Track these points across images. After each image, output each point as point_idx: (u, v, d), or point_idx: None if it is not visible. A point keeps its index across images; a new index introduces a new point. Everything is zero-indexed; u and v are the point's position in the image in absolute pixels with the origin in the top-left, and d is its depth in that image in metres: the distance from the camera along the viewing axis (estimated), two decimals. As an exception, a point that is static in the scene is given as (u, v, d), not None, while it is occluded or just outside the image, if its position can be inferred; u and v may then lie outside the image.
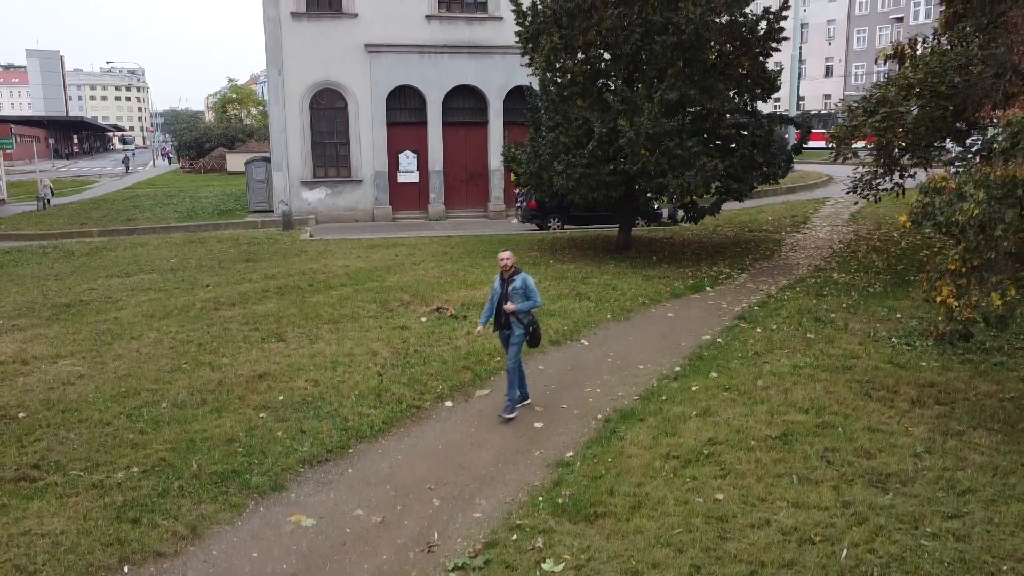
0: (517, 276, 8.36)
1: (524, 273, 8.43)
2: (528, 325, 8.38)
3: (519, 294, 8.28)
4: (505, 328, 8.47)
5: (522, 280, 8.31)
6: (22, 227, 27.61)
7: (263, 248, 20.13)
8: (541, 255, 18.16)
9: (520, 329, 8.35)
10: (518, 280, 8.32)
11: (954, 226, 6.77)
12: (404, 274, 16.01)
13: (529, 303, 8.33)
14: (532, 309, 8.40)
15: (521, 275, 8.37)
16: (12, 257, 19.23)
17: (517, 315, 8.29)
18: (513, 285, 8.32)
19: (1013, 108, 6.64)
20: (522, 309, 8.28)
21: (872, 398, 8.26)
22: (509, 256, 8.42)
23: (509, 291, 8.31)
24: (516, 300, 8.28)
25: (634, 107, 16.15)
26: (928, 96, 12.96)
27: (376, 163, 28.32)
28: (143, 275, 16.27)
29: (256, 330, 11.83)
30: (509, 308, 8.24)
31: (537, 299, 8.36)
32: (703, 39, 15.81)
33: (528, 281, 8.33)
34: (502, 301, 8.36)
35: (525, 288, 8.29)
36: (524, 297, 8.29)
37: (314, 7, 27.19)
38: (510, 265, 8.37)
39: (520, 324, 8.34)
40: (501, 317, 8.43)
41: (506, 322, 8.43)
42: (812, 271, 16.05)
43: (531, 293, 8.32)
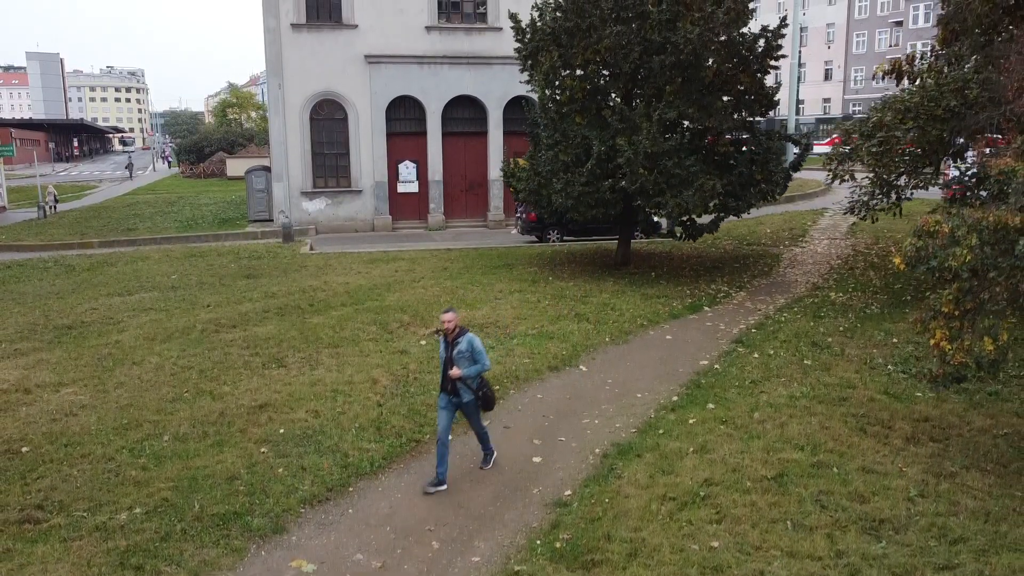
0: (463, 338, 7.66)
1: (471, 334, 7.75)
2: (478, 389, 7.75)
3: (465, 358, 7.60)
4: (452, 394, 7.76)
5: (468, 342, 7.62)
6: (23, 237, 27.69)
7: (263, 262, 20.20)
8: (540, 271, 18.24)
9: (469, 395, 7.73)
10: (463, 342, 7.63)
11: (947, 271, 6.85)
12: (403, 292, 16.09)
13: (477, 367, 7.64)
14: (481, 372, 7.71)
15: (467, 337, 7.68)
16: (14, 272, 19.30)
17: (465, 380, 7.64)
18: (458, 348, 7.62)
19: (1005, 157, 6.72)
20: (469, 374, 7.60)
21: (867, 434, 8.34)
22: (452, 317, 7.65)
23: (454, 355, 7.62)
24: (462, 364, 7.59)
25: (633, 125, 16.22)
26: (925, 119, 13.03)
27: (376, 173, 28.42)
28: (144, 293, 16.34)
29: (257, 355, 11.91)
30: (455, 374, 7.55)
31: (485, 362, 7.69)
32: (701, 58, 15.89)
33: (475, 343, 7.65)
34: (447, 366, 7.68)
35: (472, 351, 7.60)
36: (471, 361, 7.61)
37: (314, 18, 27.28)
38: (453, 327, 7.65)
39: (468, 389, 7.70)
40: (447, 383, 7.74)
41: (453, 388, 7.71)
42: (810, 289, 16.13)
43: (478, 356, 7.63)
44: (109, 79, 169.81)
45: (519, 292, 15.99)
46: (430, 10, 27.88)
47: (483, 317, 14.00)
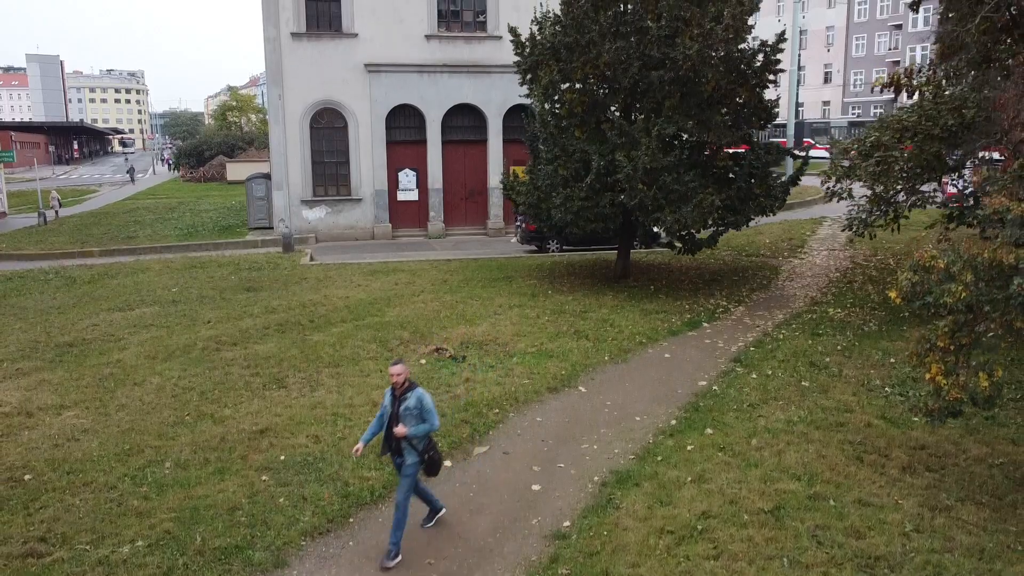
0: (411, 393, 7.02)
1: (420, 389, 7.12)
2: (424, 452, 7.10)
3: (413, 415, 6.96)
4: (396, 454, 7.14)
5: (417, 399, 6.98)
6: (23, 245, 27.76)
7: (264, 274, 20.26)
8: (540, 284, 18.30)
9: (414, 457, 7.06)
10: (412, 398, 6.99)
11: (943, 308, 6.91)
12: (403, 307, 16.15)
13: (425, 427, 6.97)
14: (429, 432, 7.07)
15: (416, 392, 7.04)
16: (15, 285, 19.36)
17: (410, 440, 7.00)
18: (406, 404, 6.98)
19: (999, 196, 6.78)
20: (416, 434, 6.95)
21: (864, 462, 8.40)
22: (401, 370, 7.05)
23: (401, 411, 6.97)
24: (409, 422, 6.95)
25: (632, 140, 16.28)
26: (923, 138, 13.09)
27: (376, 182, 28.49)
28: (145, 308, 16.40)
29: (257, 374, 11.98)
30: (400, 432, 6.90)
31: (434, 421, 7.02)
32: (700, 73, 15.94)
33: (424, 400, 7.01)
34: (392, 422, 7.03)
35: (420, 408, 6.96)
36: (419, 419, 6.97)
37: (314, 27, 27.34)
38: (403, 381, 7.04)
39: (414, 451, 7.05)
40: (391, 441, 7.08)
41: (397, 447, 7.09)
42: (808, 304, 16.19)
43: (427, 414, 6.97)
44: (109, 80, 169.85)
45: (519, 307, 16.05)
46: (430, 19, 27.95)
47: (483, 334, 14.06)
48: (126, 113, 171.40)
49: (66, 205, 42.50)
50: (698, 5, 16.33)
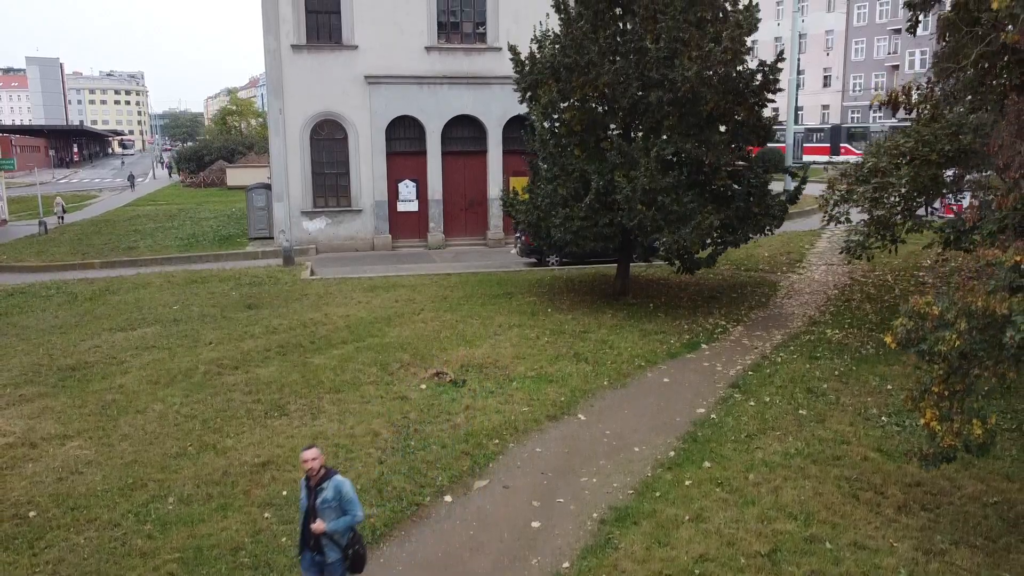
0: (327, 482, 6.36)
1: (338, 476, 6.45)
2: (347, 548, 6.44)
3: (332, 508, 6.31)
4: (315, 551, 6.44)
5: (335, 489, 6.34)
6: (24, 256, 27.84)
7: (264, 289, 20.34)
8: (539, 301, 18.38)
9: (336, 554, 6.41)
10: (329, 489, 6.33)
11: (937, 356, 7.00)
12: (404, 327, 16.23)
13: (346, 519, 6.36)
14: (352, 525, 6.46)
15: (334, 481, 6.37)
16: (16, 302, 19.44)
17: (331, 536, 6.37)
18: (323, 496, 6.33)
19: (993, 248, 6.87)
20: (337, 529, 6.33)
21: (860, 500, 8.49)
22: (315, 455, 6.40)
23: (318, 504, 6.32)
24: (328, 516, 6.30)
25: (631, 160, 16.38)
26: (920, 164, 13.18)
27: (376, 193, 28.57)
28: (146, 328, 16.48)
29: (259, 401, 12.07)
30: (319, 528, 6.27)
31: (357, 512, 6.42)
32: (699, 94, 16.03)
33: (343, 489, 6.35)
34: (310, 518, 6.37)
35: (340, 499, 6.32)
36: (339, 511, 6.34)
37: (314, 39, 27.42)
38: (318, 469, 6.39)
39: (336, 547, 6.40)
40: (309, 538, 6.41)
41: (316, 544, 6.40)
42: (807, 324, 16.28)
43: (348, 505, 6.35)
44: (109, 82, 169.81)
45: (518, 327, 16.14)
46: (430, 31, 28.02)
47: (482, 356, 14.15)
48: (126, 115, 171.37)
49: (69, 211, 42.57)
50: (697, 27, 16.43)
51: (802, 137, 60.91)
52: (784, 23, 74.39)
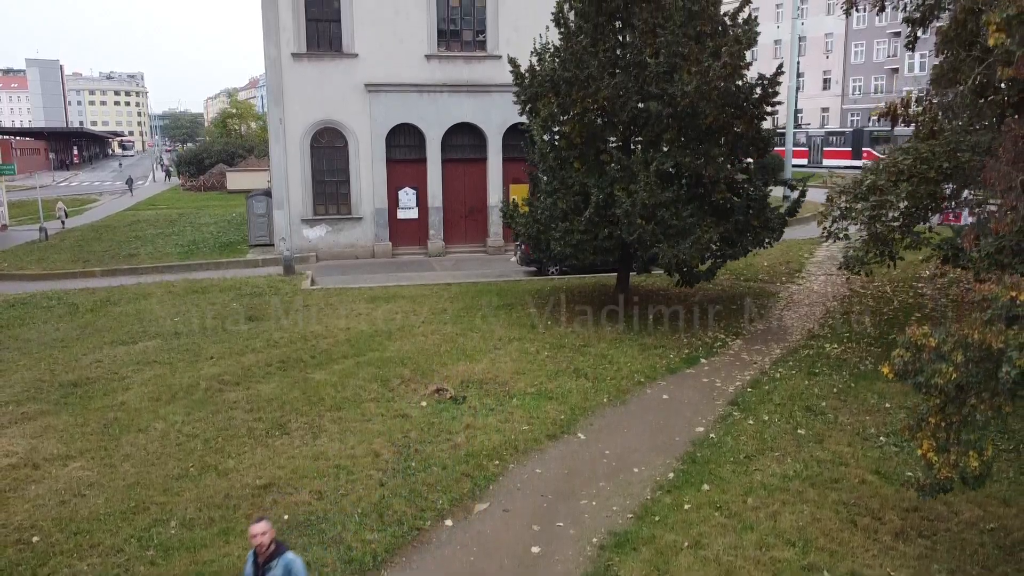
0: (277, 561, 5.91)
1: (290, 554, 6.01)
2: None
3: None
4: None
5: (284, 568, 5.88)
6: (25, 265, 27.90)
7: (265, 301, 20.39)
8: (539, 313, 18.42)
9: None
10: (278, 567, 5.89)
11: (934, 388, 7.05)
12: (404, 341, 16.28)
13: None
14: None
15: (284, 560, 5.92)
16: (18, 313, 19.49)
17: None
18: (272, 574, 5.91)
19: (989, 283, 6.93)
20: None
21: (857, 527, 8.55)
22: (264, 530, 5.95)
23: None
24: None
25: (630, 173, 16.44)
26: (918, 181, 13.23)
27: (376, 200, 28.64)
28: (147, 341, 16.53)
29: (260, 419, 12.12)
30: None
31: None
32: (698, 109, 16.08)
33: (294, 569, 5.92)
34: None
35: None
36: None
37: (315, 47, 27.48)
38: (266, 544, 5.94)
39: None
40: None
41: None
42: (805, 337, 16.35)
43: None
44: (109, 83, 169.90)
45: (518, 340, 16.20)
46: (430, 39, 28.09)
47: (482, 372, 14.21)
48: (126, 116, 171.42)
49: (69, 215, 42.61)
50: (696, 40, 16.48)
51: (822, 140, 60.64)
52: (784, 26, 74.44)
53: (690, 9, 16.38)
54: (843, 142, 58.76)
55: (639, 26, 16.80)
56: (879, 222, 13.10)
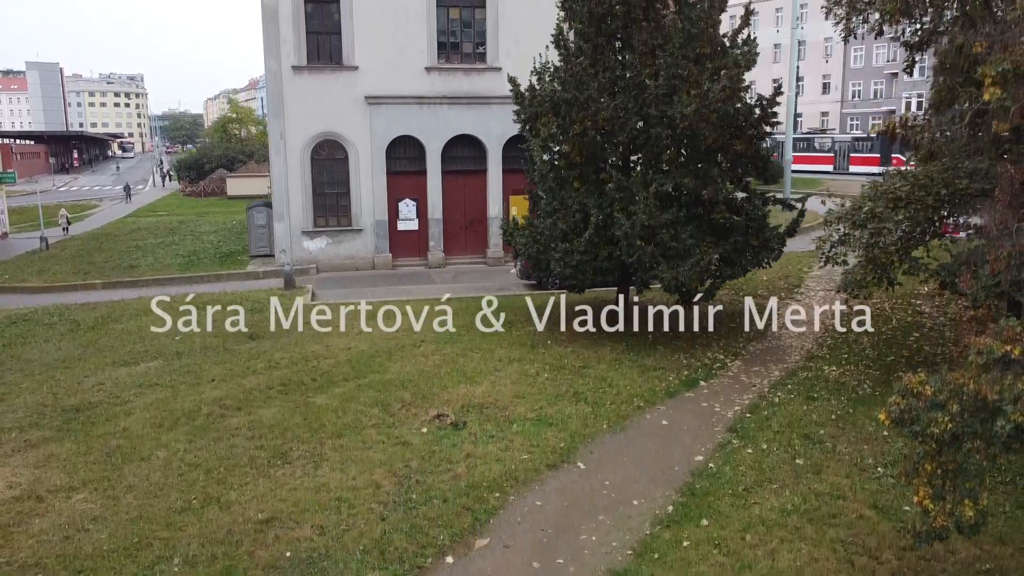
0: None
1: None
2: None
3: None
4: None
5: None
6: (26, 276, 27.99)
7: (266, 317, 20.45)
8: (539, 331, 18.50)
9: None
10: None
11: (929, 437, 7.13)
12: (405, 361, 16.36)
13: None
14: None
15: None
16: (20, 331, 19.56)
17: None
18: None
19: (985, 336, 7.00)
20: None
21: (855, 567, 8.63)
22: None
23: None
24: None
25: (630, 194, 16.51)
26: (916, 208, 13.30)
27: (376, 212, 28.73)
28: (149, 362, 16.60)
29: (262, 447, 12.19)
30: None
31: None
32: (698, 131, 16.15)
33: None
34: None
35: None
36: None
37: (315, 60, 27.55)
38: None
39: None
40: None
41: None
42: (804, 358, 16.43)
43: None
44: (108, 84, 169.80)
45: (518, 361, 16.27)
46: (430, 51, 28.16)
47: (483, 395, 14.29)
48: (125, 117, 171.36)
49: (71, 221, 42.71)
50: (695, 62, 16.55)
51: (848, 147, 59.80)
52: (783, 30, 74.56)
53: (689, 31, 16.45)
54: (870, 148, 57.46)
55: (638, 47, 16.87)
56: (877, 248, 13.15)
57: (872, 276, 13.87)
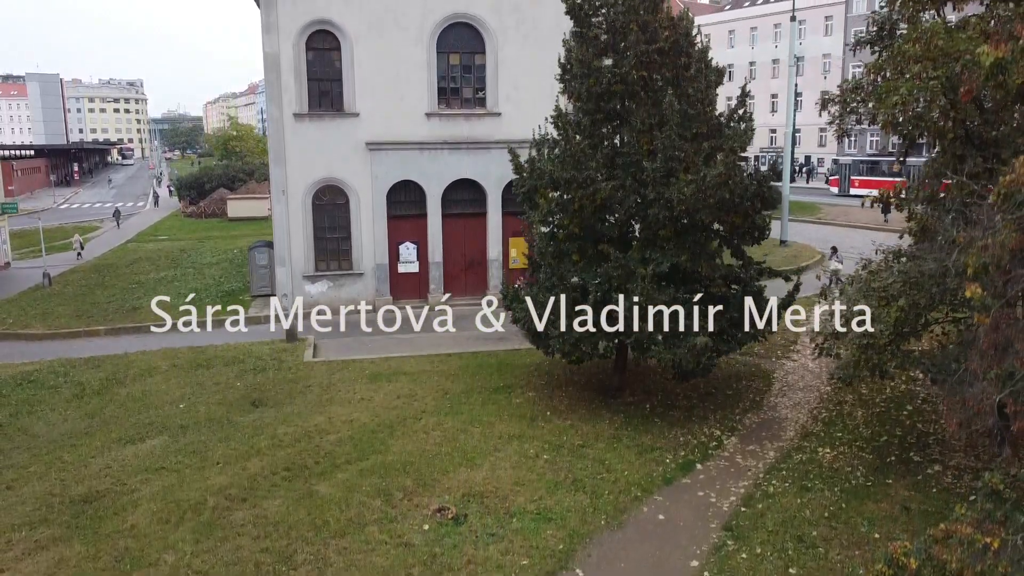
0: None
1: None
2: None
3: None
4: None
5: None
6: (29, 318, 28.37)
7: (268, 377, 20.75)
8: (538, 397, 18.80)
9: None
10: None
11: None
12: (406, 438, 16.63)
13: None
14: None
15: None
16: (25, 396, 19.82)
17: None
18: None
19: (965, 526, 7.29)
20: None
21: None
22: None
23: None
24: None
25: (628, 272, 16.77)
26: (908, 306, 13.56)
27: (377, 255, 29.02)
28: (154, 439, 16.87)
29: (267, 550, 12.46)
30: None
31: None
32: (694, 213, 16.41)
33: None
34: None
35: None
36: None
37: (316, 107, 27.83)
38: None
39: None
40: None
41: None
42: (799, 435, 16.72)
43: None
44: (108, 90, 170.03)
45: (518, 439, 16.54)
46: (430, 97, 28.43)
47: (483, 482, 14.58)
48: (125, 123, 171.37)
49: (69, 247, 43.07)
50: (692, 140, 16.81)
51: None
52: (782, 45, 74.77)
53: (686, 111, 16.71)
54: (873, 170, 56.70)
55: (636, 125, 17.12)
56: (870, 348, 13.44)
57: (864, 369, 14.16)
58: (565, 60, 18.32)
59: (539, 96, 28.13)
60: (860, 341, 13.51)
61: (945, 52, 13.22)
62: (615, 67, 17.15)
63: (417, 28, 27.84)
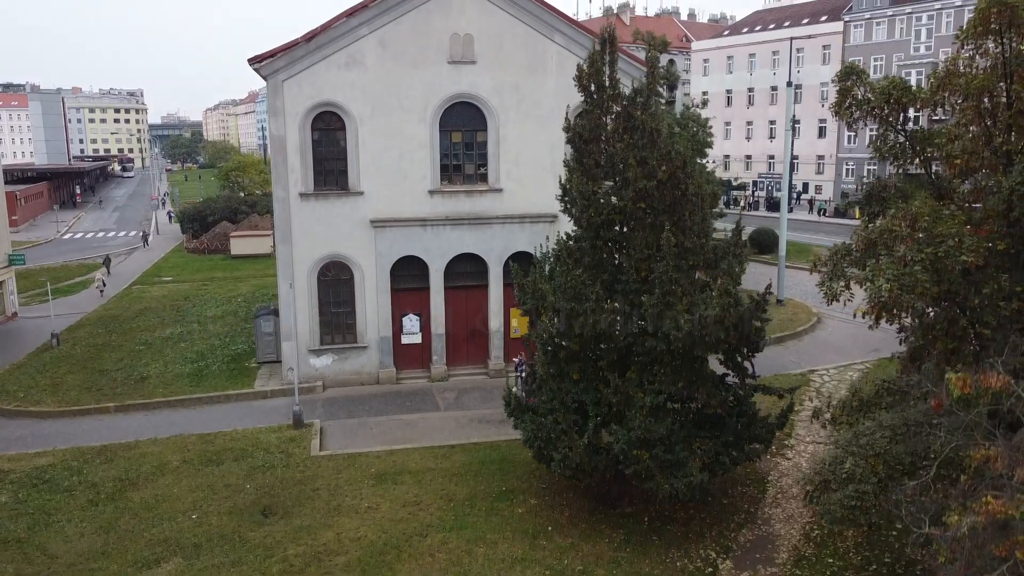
0: None
1: None
2: None
3: None
4: None
5: None
6: (39, 388, 28.92)
7: (277, 478, 21.32)
8: (540, 507, 19.38)
9: None
10: None
11: None
12: (413, 561, 17.19)
13: None
14: None
15: None
16: (39, 503, 20.32)
17: None
18: None
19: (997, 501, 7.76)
20: None
21: None
22: None
23: None
24: None
25: (627, 398, 17.35)
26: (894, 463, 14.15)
27: (381, 328, 29.55)
28: (168, 564, 17.43)
29: None
30: None
31: None
32: (690, 347, 16.97)
33: None
34: None
35: None
36: None
37: (321, 186, 28.36)
38: None
39: None
40: None
41: None
42: (792, 558, 17.32)
43: None
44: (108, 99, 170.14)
45: (520, 563, 17.13)
46: (432, 175, 28.95)
47: (487, 621, 15.18)
48: (125, 133, 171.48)
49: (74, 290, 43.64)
50: (688, 273, 17.35)
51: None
52: (780, 72, 75.22)
53: (683, 244, 17.26)
54: None
55: (634, 254, 17.68)
56: (856, 508, 14.04)
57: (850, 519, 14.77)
58: (565, 182, 18.90)
59: (539, 172, 28.90)
60: (847, 502, 14.09)
61: (929, 231, 13.86)
62: (614, 195, 17.76)
63: (420, 108, 28.34)
